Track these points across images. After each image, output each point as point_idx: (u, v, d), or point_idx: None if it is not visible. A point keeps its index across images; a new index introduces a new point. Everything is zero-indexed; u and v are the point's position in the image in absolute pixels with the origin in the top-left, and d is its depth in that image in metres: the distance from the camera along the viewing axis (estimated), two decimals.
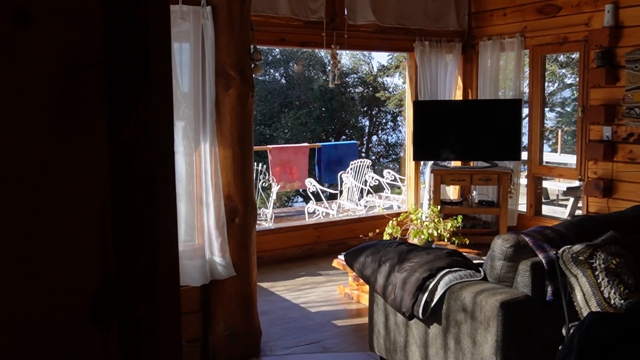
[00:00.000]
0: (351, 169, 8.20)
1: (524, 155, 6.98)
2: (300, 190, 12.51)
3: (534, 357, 2.99)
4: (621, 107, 5.48)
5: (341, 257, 5.11)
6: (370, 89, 19.43)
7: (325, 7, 6.03)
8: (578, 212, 8.55)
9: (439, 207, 5.72)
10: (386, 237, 5.35)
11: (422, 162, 7.14)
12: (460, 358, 3.04)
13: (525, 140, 6.93)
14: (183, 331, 3.57)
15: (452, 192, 7.38)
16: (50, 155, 0.46)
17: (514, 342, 2.88)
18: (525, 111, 6.85)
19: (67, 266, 0.47)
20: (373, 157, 20.25)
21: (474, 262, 3.89)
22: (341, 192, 8.11)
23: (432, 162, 6.87)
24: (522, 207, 7.08)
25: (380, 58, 18.57)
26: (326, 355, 3.93)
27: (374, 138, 20.60)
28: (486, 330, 2.89)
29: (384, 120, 20.48)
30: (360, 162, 8.30)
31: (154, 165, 0.51)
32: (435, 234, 5.26)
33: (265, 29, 5.80)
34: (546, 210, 8.66)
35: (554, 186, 9.25)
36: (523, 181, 7.27)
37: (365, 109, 20.07)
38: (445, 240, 5.34)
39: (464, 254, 5.24)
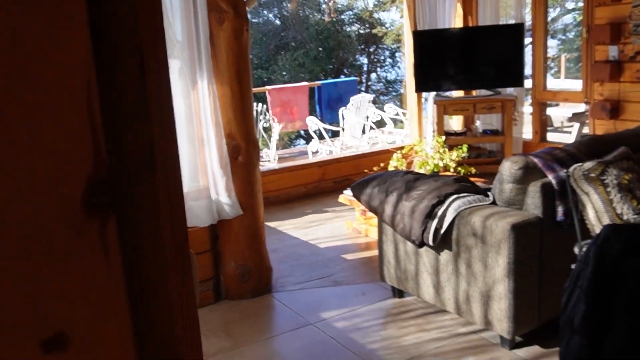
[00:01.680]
0: (352, 104, 8.07)
1: (528, 84, 6.85)
2: (302, 131, 12.40)
3: (546, 277, 2.99)
4: (627, 25, 5.33)
5: (347, 192, 5.08)
6: (367, 25, 19.06)
7: None
8: None
9: (443, 137, 5.66)
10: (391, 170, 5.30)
11: (423, 95, 7.02)
12: (472, 282, 3.04)
13: (528, 70, 6.79)
14: None
15: (455, 123, 7.29)
16: (22, 29, 0.40)
17: (525, 263, 2.87)
18: (526, 41, 6.68)
19: (52, 155, 0.41)
20: (373, 95, 20.02)
21: (482, 187, 3.85)
22: (343, 129, 8.01)
23: (434, 93, 6.76)
24: (527, 135, 6.99)
25: None
26: (337, 288, 3.95)
27: (373, 76, 20.34)
28: (497, 253, 2.87)
29: (382, 57, 20.18)
30: (361, 97, 8.18)
31: (143, 42, 0.44)
32: (441, 164, 5.22)
33: None
34: (551, 138, 8.59)
35: (558, 113, 9.14)
36: (527, 109, 7.16)
37: (362, 46, 19.74)
38: (451, 170, 5.30)
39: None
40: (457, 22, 7.01)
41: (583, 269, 1.91)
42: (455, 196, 3.14)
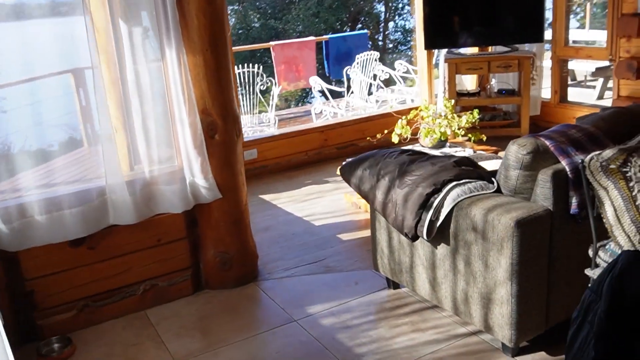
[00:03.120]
0: (357, 63, 7.58)
1: (548, 35, 6.29)
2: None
3: (556, 277, 2.61)
4: None
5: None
6: None
7: None
8: (608, 94, 7.90)
9: (453, 101, 5.20)
10: (395, 138, 4.90)
11: (435, 52, 6.51)
12: (471, 282, 2.68)
13: (549, 15, 6.20)
14: (171, 260, 3.20)
15: (470, 81, 6.79)
16: None
17: (532, 263, 2.49)
18: None
19: None
20: (390, 45, 19.29)
21: (489, 168, 3.47)
22: (348, 88, 7.54)
23: (445, 50, 6.26)
24: (547, 92, 6.47)
25: None
26: (329, 275, 3.61)
27: (391, 24, 19.60)
28: (499, 252, 2.49)
29: (400, 5, 19.40)
30: (367, 54, 7.67)
31: None
32: (449, 132, 4.79)
33: None
34: (573, 93, 8.04)
35: (581, 67, 8.54)
36: (547, 64, 6.60)
37: None
38: (460, 137, 4.87)
39: (480, 152, 4.79)
40: None
41: (594, 301, 1.53)
42: (454, 183, 2.75)
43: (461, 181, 2.75)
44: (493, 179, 2.80)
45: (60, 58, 3.21)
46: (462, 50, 6.31)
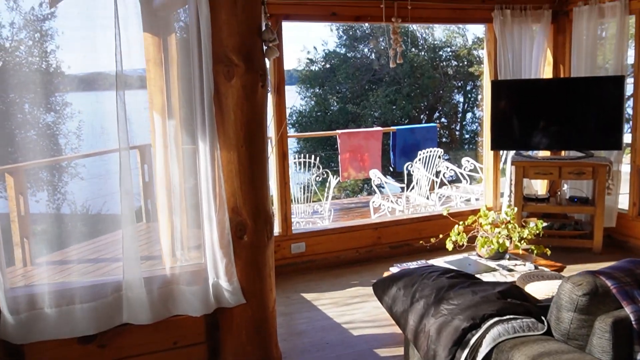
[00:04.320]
0: (419, 159, 7.32)
1: (627, 138, 5.84)
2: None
3: None
4: None
5: (393, 268, 4.37)
6: (465, 62, 18.27)
7: None
8: None
9: (515, 209, 4.82)
10: (449, 245, 4.55)
11: (503, 152, 6.18)
12: None
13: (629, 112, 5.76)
14: None
15: (540, 185, 6.37)
16: None
17: None
18: (630, 89, 5.70)
19: None
20: (467, 136, 19.03)
21: (549, 289, 3.08)
22: (407, 185, 7.26)
23: (514, 151, 5.92)
24: (625, 199, 5.87)
25: (476, 30, 17.35)
26: None
27: (469, 115, 19.46)
28: None
29: (479, 96, 19.25)
30: (431, 151, 7.41)
31: None
32: (508, 243, 4.39)
33: (313, 2, 5.09)
34: None
35: None
36: (626, 168, 6.08)
37: (460, 84, 18.94)
38: (520, 250, 4.45)
39: (543, 268, 4.33)
40: (547, 71, 6.14)
41: None
42: (496, 319, 2.38)
43: (505, 317, 2.38)
44: (543, 318, 2.41)
45: (130, 132, 3.02)
46: (532, 153, 5.95)
